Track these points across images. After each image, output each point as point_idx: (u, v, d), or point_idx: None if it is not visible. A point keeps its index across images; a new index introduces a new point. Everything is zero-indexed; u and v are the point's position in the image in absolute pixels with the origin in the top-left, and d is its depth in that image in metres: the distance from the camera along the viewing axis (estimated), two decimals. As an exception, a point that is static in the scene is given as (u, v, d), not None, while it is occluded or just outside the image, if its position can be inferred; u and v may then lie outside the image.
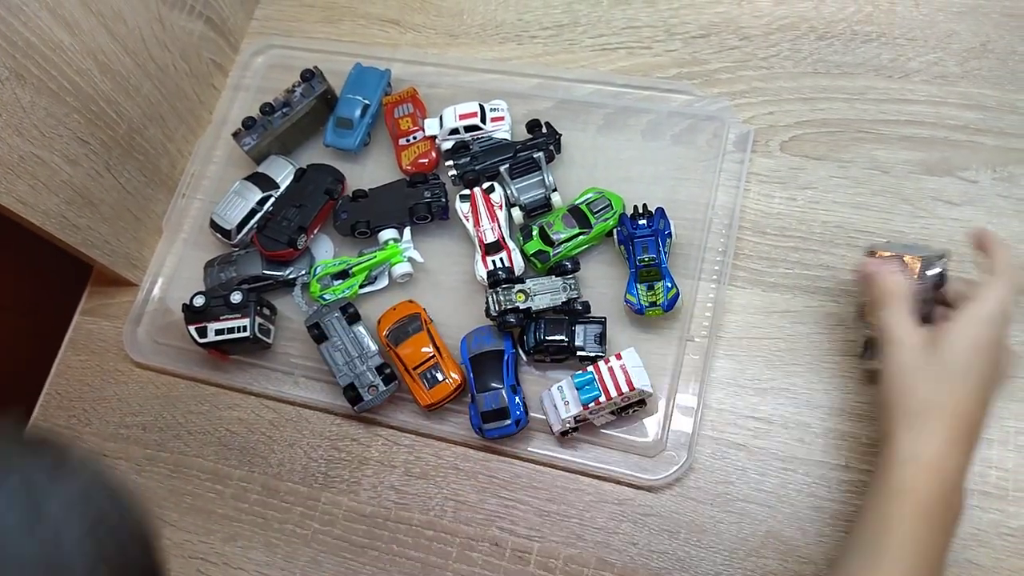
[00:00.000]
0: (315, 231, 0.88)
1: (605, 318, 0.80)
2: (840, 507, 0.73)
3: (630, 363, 0.75)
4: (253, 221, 0.89)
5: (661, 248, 0.80)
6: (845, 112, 0.87)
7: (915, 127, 0.86)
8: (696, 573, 0.74)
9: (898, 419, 0.61)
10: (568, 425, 0.76)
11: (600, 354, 0.79)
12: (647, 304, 0.79)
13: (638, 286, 0.79)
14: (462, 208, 0.85)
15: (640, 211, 0.82)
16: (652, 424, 0.78)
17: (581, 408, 0.75)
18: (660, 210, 0.82)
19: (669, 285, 0.79)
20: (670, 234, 0.81)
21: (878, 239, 0.81)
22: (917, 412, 0.60)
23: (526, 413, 0.78)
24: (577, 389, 0.75)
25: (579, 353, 0.79)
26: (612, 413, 0.77)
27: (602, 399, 0.74)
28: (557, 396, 0.76)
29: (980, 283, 0.64)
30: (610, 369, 0.75)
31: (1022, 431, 0.73)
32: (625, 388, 0.73)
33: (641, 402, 0.76)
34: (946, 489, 0.59)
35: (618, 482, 0.77)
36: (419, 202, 0.86)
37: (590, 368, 0.76)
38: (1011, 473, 0.72)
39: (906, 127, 0.86)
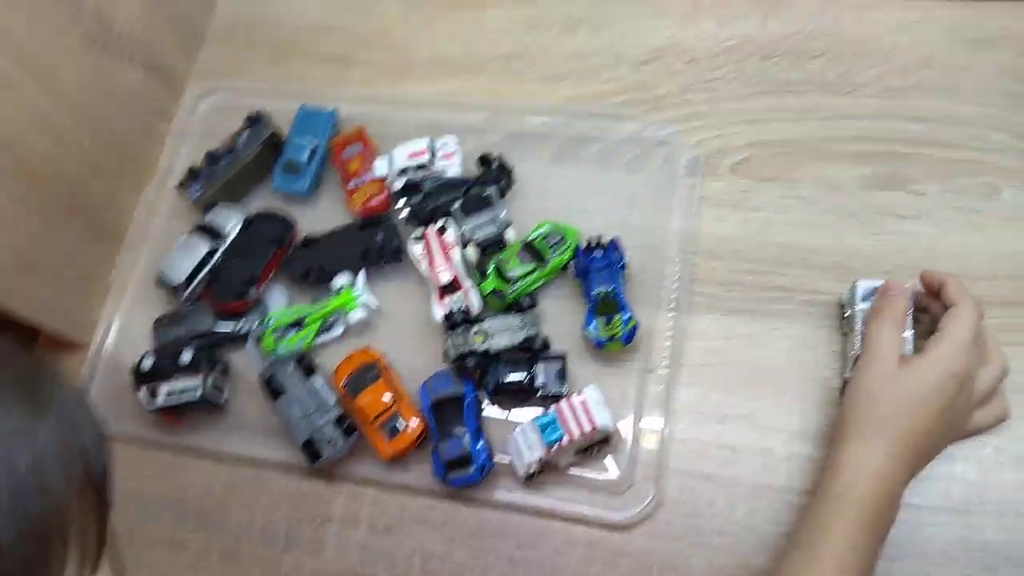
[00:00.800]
0: (266, 281, 0.87)
1: (565, 354, 0.79)
2: (809, 533, 0.73)
3: (592, 401, 0.74)
4: (201, 274, 0.87)
5: (617, 279, 0.79)
6: (793, 131, 0.87)
7: (863, 143, 0.86)
8: (670, 610, 0.73)
9: (853, 429, 0.64)
10: (533, 469, 0.75)
11: (561, 392, 0.78)
12: (606, 338, 0.78)
13: (596, 319, 0.79)
14: (415, 250, 0.84)
15: (594, 243, 0.81)
16: (619, 461, 0.78)
17: (544, 451, 0.74)
18: (614, 241, 0.81)
19: (627, 316, 0.78)
20: (624, 265, 0.81)
21: (833, 258, 0.81)
22: (873, 427, 0.64)
23: (490, 458, 0.77)
24: (539, 431, 0.74)
25: (540, 393, 0.78)
26: (577, 453, 0.76)
27: (565, 440, 0.73)
28: (520, 440, 0.75)
29: (946, 317, 0.66)
30: (571, 408, 0.74)
31: (984, 445, 0.73)
32: (588, 427, 0.73)
33: (606, 440, 0.76)
34: (885, 498, 0.63)
35: (588, 523, 0.76)
36: (371, 246, 0.85)
37: (552, 409, 0.75)
38: (975, 487, 0.72)
39: (854, 143, 0.86)
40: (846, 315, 0.77)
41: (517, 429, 0.76)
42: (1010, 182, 0.82)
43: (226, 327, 0.85)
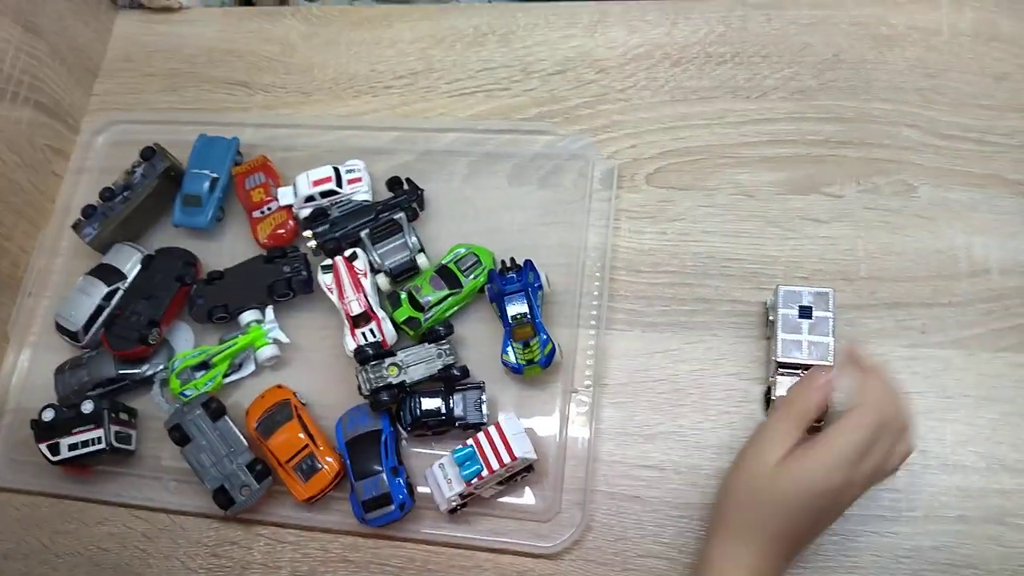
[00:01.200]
0: (169, 322, 0.83)
1: (483, 383, 0.77)
2: (738, 551, 0.71)
3: (510, 431, 0.71)
4: (101, 318, 0.83)
5: (533, 302, 0.77)
6: (706, 138, 0.86)
7: (777, 146, 0.85)
8: (603, 638, 0.71)
9: (727, 526, 0.63)
10: (455, 503, 0.73)
11: (482, 421, 0.75)
12: (524, 363, 0.76)
13: (513, 344, 0.76)
14: (325, 280, 0.80)
15: (507, 265, 0.79)
16: (544, 487, 0.75)
17: (465, 485, 0.71)
18: (528, 262, 0.79)
19: (545, 339, 0.76)
20: (540, 286, 0.78)
21: (753, 266, 0.80)
22: (747, 526, 0.62)
23: (411, 495, 0.74)
24: (458, 465, 0.71)
25: (458, 423, 0.75)
26: (500, 483, 0.74)
27: (485, 473, 0.70)
28: (439, 474, 0.73)
29: (844, 413, 0.61)
30: (490, 440, 0.71)
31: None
32: (507, 458, 0.70)
33: (528, 468, 0.73)
34: None
35: (516, 553, 0.74)
36: (279, 279, 0.81)
37: (469, 441, 0.72)
38: (903, 494, 0.71)
39: (768, 147, 0.85)
40: (770, 319, 0.76)
41: (435, 464, 0.73)
42: (925, 179, 0.81)
43: (131, 372, 0.81)
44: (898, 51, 0.87)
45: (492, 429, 0.72)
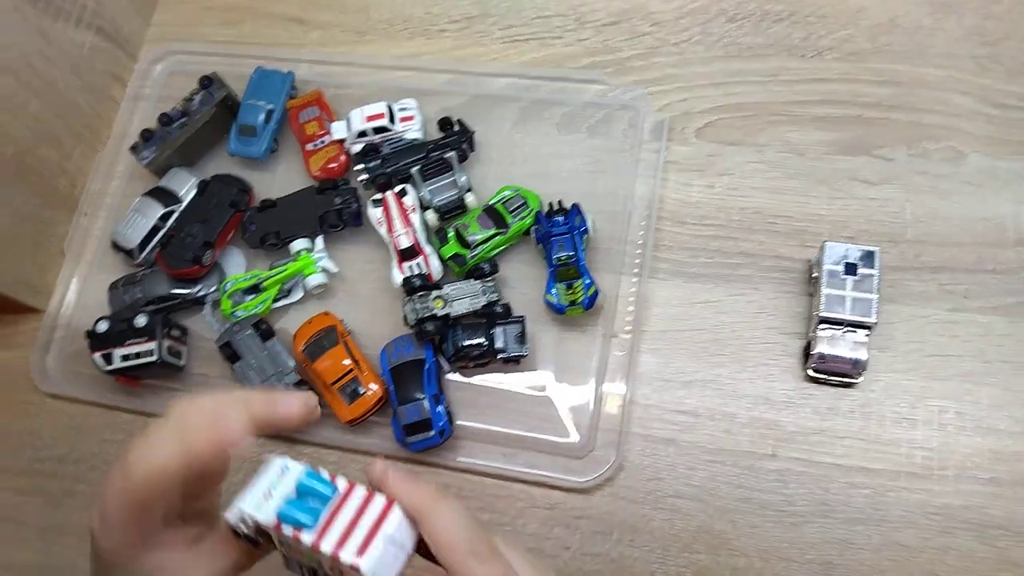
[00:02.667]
0: (223, 245, 0.85)
1: (524, 317, 0.78)
2: (768, 497, 0.73)
3: (388, 529, 0.41)
4: (156, 239, 0.85)
5: (578, 245, 0.78)
6: (759, 95, 0.86)
7: (829, 107, 0.85)
8: (630, 573, 0.72)
9: None
10: (241, 530, 0.43)
11: (523, 354, 0.77)
12: (567, 303, 0.77)
13: (557, 285, 0.78)
14: (375, 214, 0.82)
15: (555, 208, 0.80)
16: (580, 424, 0.77)
17: (274, 523, 0.41)
18: (576, 206, 0.80)
19: (588, 282, 0.77)
20: (587, 230, 0.79)
21: (799, 223, 0.81)
22: None
23: (451, 423, 0.76)
24: (297, 492, 0.42)
25: (500, 356, 0.77)
26: (311, 572, 0.44)
27: (308, 539, 0.41)
28: (271, 476, 0.43)
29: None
30: (359, 508, 0.42)
31: (947, 410, 0.73)
32: (348, 555, 0.40)
33: None
34: None
35: (549, 486, 0.76)
36: (330, 209, 0.83)
37: (343, 482, 0.43)
38: (936, 452, 0.72)
39: (820, 107, 0.85)
40: (814, 276, 0.76)
41: (279, 460, 0.44)
42: (975, 147, 0.81)
43: (183, 291, 0.83)
44: (955, 18, 0.87)
45: (378, 503, 0.42)
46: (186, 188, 0.87)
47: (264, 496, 0.42)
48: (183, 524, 0.44)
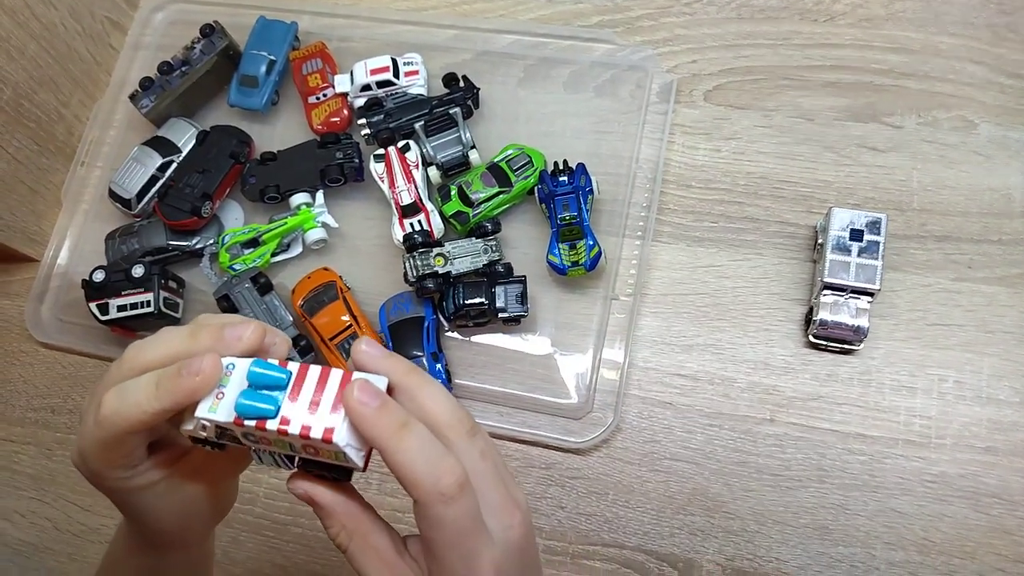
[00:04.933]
0: (222, 197, 0.84)
1: (525, 276, 0.77)
2: (765, 461, 0.73)
3: (361, 397, 0.37)
4: (154, 189, 0.83)
5: (582, 205, 0.77)
6: (769, 59, 0.85)
7: (840, 72, 0.84)
8: (624, 533, 0.73)
9: None
10: (204, 435, 0.40)
11: (523, 314, 0.76)
12: (569, 264, 0.76)
13: (560, 245, 0.77)
14: (376, 169, 0.81)
15: (560, 167, 0.79)
16: (578, 386, 0.77)
17: (233, 419, 0.38)
18: (581, 166, 0.79)
19: (591, 243, 0.77)
20: (591, 191, 0.78)
21: (805, 189, 0.80)
22: None
23: (449, 381, 0.76)
24: (249, 384, 0.38)
25: (501, 315, 0.76)
26: (285, 457, 0.42)
27: (272, 426, 0.38)
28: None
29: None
30: (321, 384, 0.38)
31: (946, 379, 0.73)
32: (317, 431, 0.37)
33: (343, 470, 0.41)
34: None
35: (545, 446, 0.76)
36: (331, 163, 0.82)
37: (292, 366, 0.39)
38: (934, 421, 0.72)
39: (831, 72, 0.84)
40: (819, 242, 0.76)
41: (227, 361, 0.39)
42: (986, 117, 0.81)
43: (181, 243, 0.82)
44: (972, -15, 0.85)
45: (336, 375, 0.39)
46: (185, 138, 0.85)
47: (216, 397, 0.39)
48: (168, 444, 0.44)
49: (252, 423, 0.38)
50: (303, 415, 0.37)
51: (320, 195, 0.82)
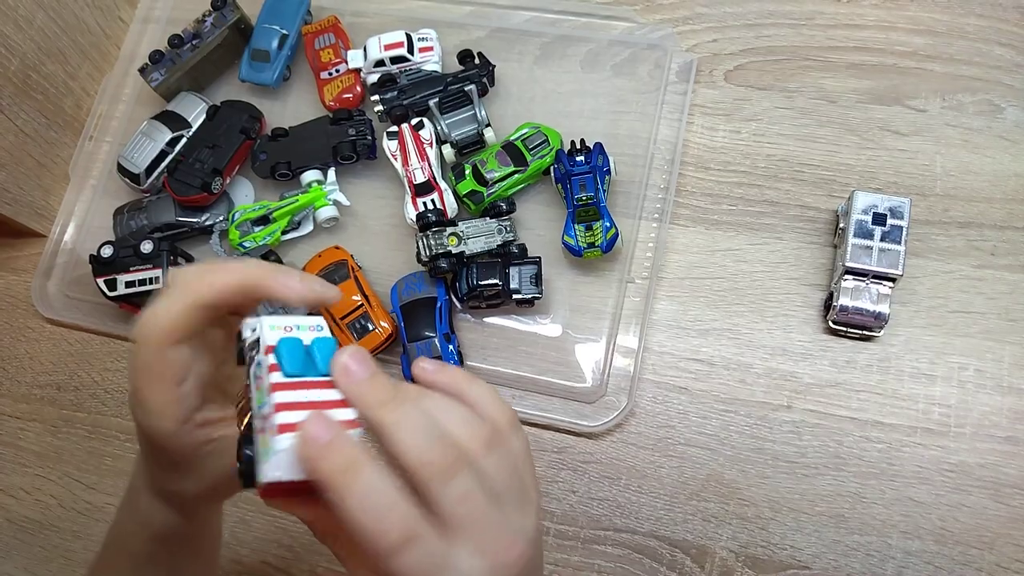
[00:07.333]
0: (232, 174, 0.83)
1: (540, 257, 0.76)
2: (781, 448, 0.71)
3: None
4: (163, 164, 0.82)
5: (599, 186, 0.76)
6: (792, 39, 0.83)
7: (863, 54, 0.82)
8: (637, 518, 0.72)
9: None
10: (245, 336, 0.41)
11: (537, 296, 0.75)
12: (585, 245, 0.75)
13: (576, 226, 0.76)
14: (390, 146, 0.79)
15: (577, 147, 0.77)
16: (592, 369, 0.75)
17: (272, 343, 0.39)
18: (598, 145, 0.77)
19: (608, 225, 0.75)
20: (609, 171, 0.77)
21: (826, 173, 0.79)
22: None
23: (461, 362, 0.75)
24: (310, 343, 0.40)
25: (515, 297, 0.75)
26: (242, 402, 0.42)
27: (275, 377, 0.38)
28: (306, 321, 0.41)
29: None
30: (328, 400, 0.38)
31: (966, 367, 0.72)
32: (271, 423, 0.36)
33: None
34: None
35: (557, 430, 0.75)
36: (343, 140, 0.80)
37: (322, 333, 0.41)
38: (953, 409, 0.71)
39: (854, 54, 0.82)
40: (841, 227, 0.74)
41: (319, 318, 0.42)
42: (1013, 101, 0.79)
43: (190, 219, 0.81)
44: (1000, -34, 0.83)
45: (346, 414, 0.38)
46: (195, 113, 0.84)
47: (286, 329, 0.40)
48: (223, 402, 0.44)
49: (270, 360, 0.38)
50: (288, 400, 0.37)
51: (332, 172, 0.81)
